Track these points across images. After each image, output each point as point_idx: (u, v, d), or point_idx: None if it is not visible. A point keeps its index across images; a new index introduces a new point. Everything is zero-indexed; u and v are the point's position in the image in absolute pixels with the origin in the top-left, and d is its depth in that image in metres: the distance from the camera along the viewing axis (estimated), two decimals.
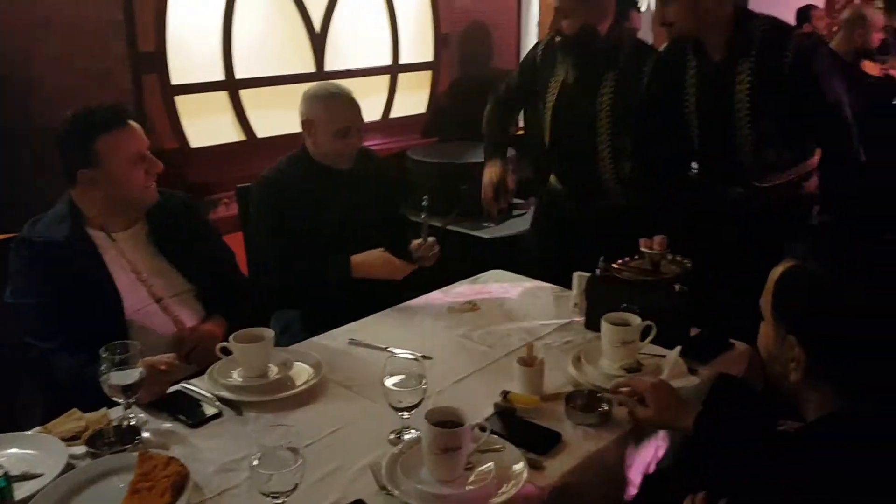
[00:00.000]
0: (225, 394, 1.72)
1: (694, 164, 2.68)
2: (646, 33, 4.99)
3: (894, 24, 4.81)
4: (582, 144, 2.64)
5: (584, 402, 1.66)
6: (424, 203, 2.42)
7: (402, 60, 3.91)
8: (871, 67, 4.01)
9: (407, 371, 1.55)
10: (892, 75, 3.96)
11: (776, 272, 1.23)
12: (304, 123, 2.38)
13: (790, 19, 5.70)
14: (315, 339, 2.06)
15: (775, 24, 2.41)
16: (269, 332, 1.80)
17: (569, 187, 2.76)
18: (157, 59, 3.08)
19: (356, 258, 2.31)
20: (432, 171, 3.62)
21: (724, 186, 2.52)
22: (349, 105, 2.36)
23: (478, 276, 2.54)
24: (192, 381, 1.80)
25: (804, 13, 5.66)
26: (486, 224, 3.34)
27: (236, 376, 1.78)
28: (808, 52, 2.30)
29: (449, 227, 3.40)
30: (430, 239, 2.42)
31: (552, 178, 2.84)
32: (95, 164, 1.93)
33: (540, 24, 4.61)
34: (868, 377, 1.16)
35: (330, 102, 2.34)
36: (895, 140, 3.73)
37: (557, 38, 2.59)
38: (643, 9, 5.48)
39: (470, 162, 3.57)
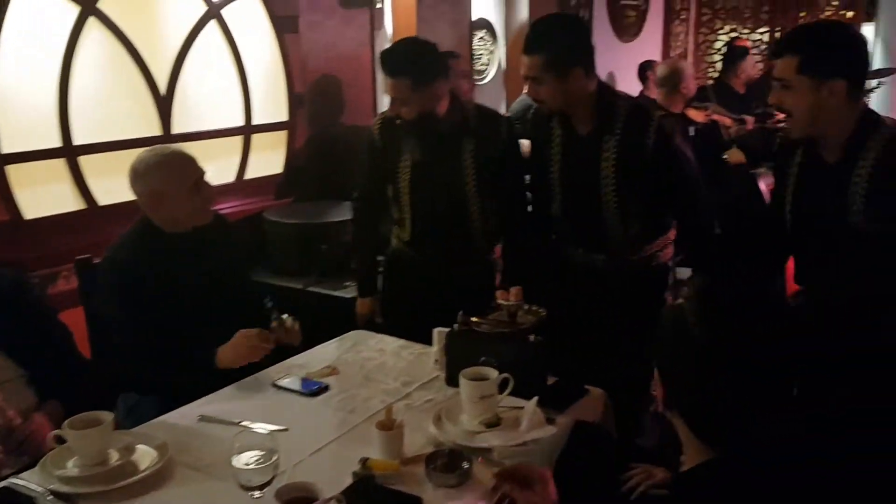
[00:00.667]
0: (59, 486, 1.58)
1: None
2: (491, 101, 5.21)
3: (724, 79, 5.21)
4: (449, 209, 2.67)
5: (445, 461, 1.64)
6: (269, 303, 2.30)
7: (256, 121, 3.85)
8: (695, 115, 4.31)
9: (259, 446, 1.48)
10: (716, 120, 4.27)
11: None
12: (150, 198, 2.23)
13: (632, 74, 6.06)
14: (163, 417, 1.94)
15: (638, 103, 2.56)
16: (108, 416, 1.67)
17: (431, 252, 2.75)
18: None
19: (221, 351, 2.14)
20: (290, 231, 3.55)
21: (587, 253, 2.61)
22: (187, 158, 2.27)
23: (338, 338, 2.49)
24: (22, 475, 1.64)
25: (645, 68, 5.96)
26: (347, 283, 3.30)
27: (72, 466, 1.64)
28: (669, 133, 2.44)
29: (309, 289, 3.37)
30: (287, 319, 2.28)
31: (397, 242, 2.83)
32: None
33: None
34: (720, 426, 1.19)
35: (170, 165, 2.24)
36: (723, 182, 4.03)
37: (398, 121, 2.60)
38: (489, 77, 5.69)
39: (328, 221, 3.53)
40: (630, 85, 6.06)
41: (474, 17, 5.19)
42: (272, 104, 3.95)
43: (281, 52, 3.91)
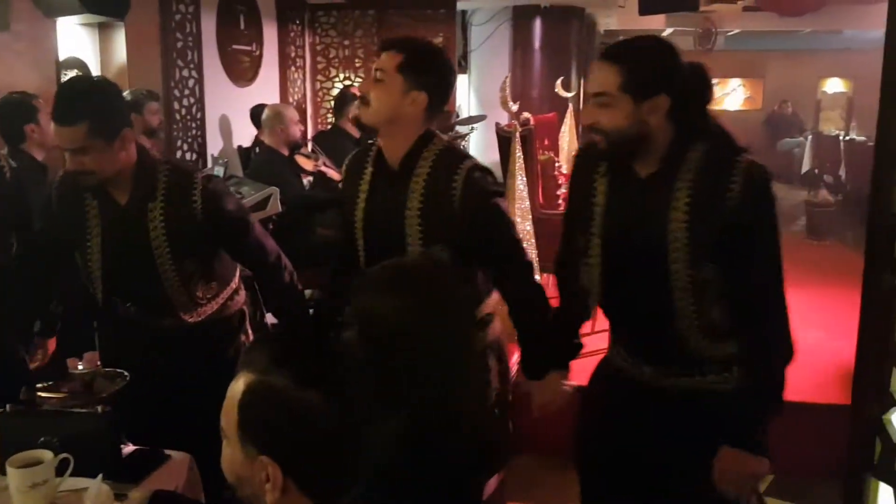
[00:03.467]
0: None
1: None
2: None
3: (339, 123, 5.25)
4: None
5: None
6: None
7: None
8: (304, 162, 4.33)
9: None
10: (323, 171, 4.33)
11: (237, 389, 1.11)
12: None
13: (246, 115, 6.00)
14: None
15: (177, 168, 2.33)
16: None
17: None
18: None
19: None
20: None
21: (154, 318, 2.34)
22: None
23: None
24: None
25: (256, 112, 5.79)
26: None
27: None
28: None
29: None
30: None
31: None
32: None
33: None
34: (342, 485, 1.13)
35: None
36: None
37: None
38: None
39: None
40: (246, 128, 6.03)
41: (63, 56, 4.73)
42: None
43: None
